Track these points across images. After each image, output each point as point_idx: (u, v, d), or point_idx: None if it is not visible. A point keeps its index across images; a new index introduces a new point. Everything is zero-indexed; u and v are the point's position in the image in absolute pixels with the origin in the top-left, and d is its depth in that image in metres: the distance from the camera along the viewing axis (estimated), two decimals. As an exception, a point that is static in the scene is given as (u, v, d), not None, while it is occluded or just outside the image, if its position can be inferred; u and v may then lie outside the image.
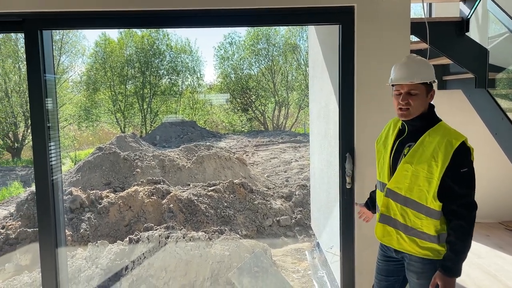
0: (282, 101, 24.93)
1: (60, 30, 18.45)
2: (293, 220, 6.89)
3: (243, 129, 24.10)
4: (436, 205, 1.99)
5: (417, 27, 3.41)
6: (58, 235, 3.34)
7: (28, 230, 5.62)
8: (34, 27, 3.06)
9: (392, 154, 2.13)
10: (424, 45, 4.13)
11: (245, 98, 24.92)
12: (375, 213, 2.51)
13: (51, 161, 3.29)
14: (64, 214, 3.62)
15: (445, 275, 1.94)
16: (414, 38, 3.86)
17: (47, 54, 3.20)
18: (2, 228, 5.96)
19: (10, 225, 5.98)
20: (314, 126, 5.36)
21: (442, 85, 5.01)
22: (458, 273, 1.96)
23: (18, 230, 5.65)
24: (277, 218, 6.79)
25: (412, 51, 3.96)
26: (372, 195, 2.55)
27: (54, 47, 3.71)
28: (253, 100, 24.82)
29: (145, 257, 4.16)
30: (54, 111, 3.31)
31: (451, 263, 1.95)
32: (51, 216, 3.27)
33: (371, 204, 2.54)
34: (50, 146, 3.30)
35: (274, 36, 24.52)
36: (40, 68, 3.13)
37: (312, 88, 5.57)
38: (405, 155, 2.05)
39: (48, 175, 3.24)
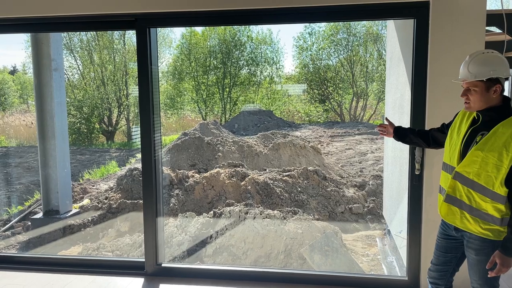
0: (360, 92, 24.48)
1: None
2: (366, 209, 7.04)
3: (319, 120, 24.12)
4: (502, 191, 2.15)
5: (497, 18, 3.45)
6: (158, 205, 3.92)
7: (127, 201, 6.46)
8: (144, 25, 3.62)
9: (464, 140, 2.29)
10: (506, 37, 4.09)
11: (323, 89, 24.85)
12: (396, 138, 2.81)
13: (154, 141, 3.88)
14: (162, 188, 4.20)
15: (504, 255, 2.13)
16: (497, 30, 3.87)
17: (153, 48, 3.77)
18: (105, 199, 6.90)
19: (111, 196, 6.89)
20: (389, 116, 5.48)
21: (528, 77, 4.86)
22: None
23: (119, 201, 6.51)
24: (349, 206, 6.99)
25: (492, 43, 3.96)
26: (410, 131, 2.81)
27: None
28: (331, 91, 24.67)
29: (227, 228, 4.67)
30: (156, 97, 3.88)
31: (511, 245, 2.13)
32: (154, 189, 3.86)
33: (401, 132, 2.81)
34: (155, 128, 3.88)
35: (355, 25, 24.02)
36: (148, 60, 3.70)
37: (388, 79, 5.68)
38: (477, 142, 2.22)
39: (152, 153, 3.82)
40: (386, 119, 2.96)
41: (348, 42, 24.09)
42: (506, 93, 3.19)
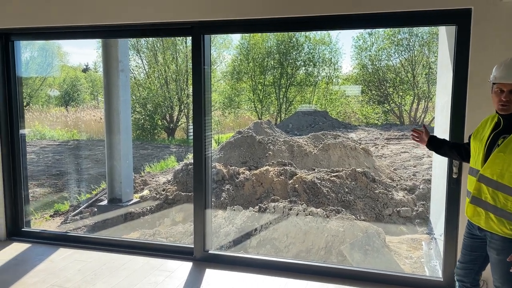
0: (422, 94, 23.62)
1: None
2: (414, 213, 6.98)
3: (376, 122, 23.60)
4: None
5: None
6: (207, 198, 4.27)
7: (182, 193, 6.93)
8: (199, 32, 3.98)
9: (487, 144, 2.42)
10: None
11: (381, 90, 24.29)
12: (429, 148, 2.86)
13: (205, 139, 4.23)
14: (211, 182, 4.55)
15: None
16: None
17: (207, 52, 4.12)
18: (163, 191, 7.43)
19: (168, 188, 7.42)
20: (438, 120, 5.47)
21: None
22: None
23: (175, 193, 7.00)
24: (397, 209, 6.97)
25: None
26: (445, 142, 2.88)
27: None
28: (390, 92, 24.05)
29: (270, 223, 4.94)
30: (208, 97, 4.22)
31: None
32: (203, 183, 4.21)
33: (436, 141, 2.88)
34: (206, 126, 4.22)
35: (417, 25, 23.16)
36: (201, 62, 4.05)
37: (439, 82, 5.65)
38: (498, 145, 2.35)
39: (203, 150, 4.17)
40: (423, 126, 3.06)
41: (410, 42, 23.38)
42: None
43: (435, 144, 2.90)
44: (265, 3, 3.69)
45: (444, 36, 5.15)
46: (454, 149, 2.83)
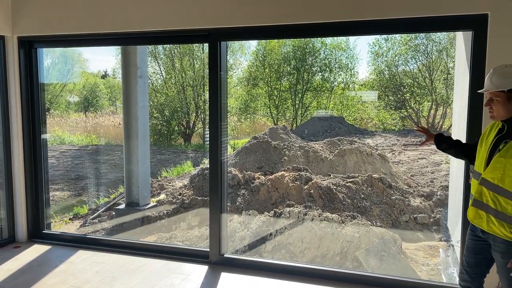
0: (440, 100, 23.31)
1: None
2: (432, 219, 6.90)
3: (394, 128, 23.37)
4: None
5: None
6: (222, 202, 4.32)
7: (198, 198, 7.01)
8: (215, 39, 4.05)
9: (490, 148, 2.46)
10: None
11: (398, 96, 24.05)
12: (437, 146, 2.80)
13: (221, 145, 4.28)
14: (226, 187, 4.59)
15: None
16: None
17: (223, 58, 4.19)
18: (179, 195, 7.51)
19: (185, 193, 7.50)
20: (455, 125, 5.42)
21: None
22: None
23: (191, 197, 7.08)
24: (414, 215, 6.90)
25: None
26: (452, 145, 2.83)
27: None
28: (407, 98, 23.79)
29: (286, 228, 4.95)
30: (224, 103, 4.28)
31: None
32: (219, 188, 4.26)
33: (443, 141, 2.82)
34: (222, 132, 4.28)
35: (434, 30, 22.89)
36: (217, 68, 4.12)
37: (456, 87, 5.60)
38: (499, 150, 2.38)
39: (218, 155, 4.23)
40: (422, 127, 3.08)
41: (427, 47, 23.15)
42: None
43: (441, 144, 2.87)
44: (281, 9, 3.74)
45: (461, 41, 5.11)
46: (460, 151, 2.83)
